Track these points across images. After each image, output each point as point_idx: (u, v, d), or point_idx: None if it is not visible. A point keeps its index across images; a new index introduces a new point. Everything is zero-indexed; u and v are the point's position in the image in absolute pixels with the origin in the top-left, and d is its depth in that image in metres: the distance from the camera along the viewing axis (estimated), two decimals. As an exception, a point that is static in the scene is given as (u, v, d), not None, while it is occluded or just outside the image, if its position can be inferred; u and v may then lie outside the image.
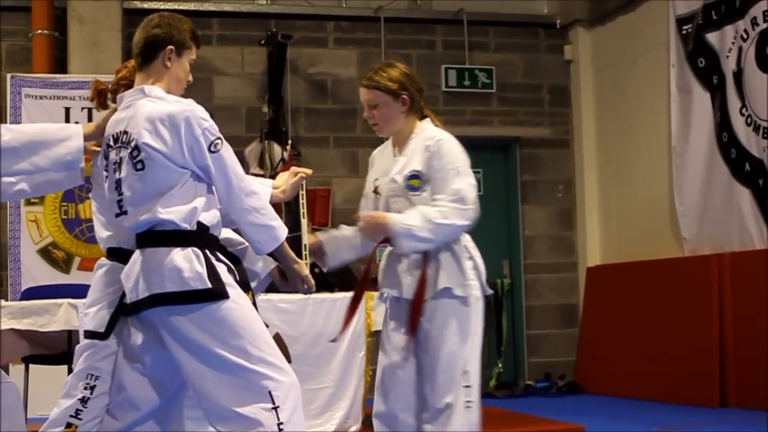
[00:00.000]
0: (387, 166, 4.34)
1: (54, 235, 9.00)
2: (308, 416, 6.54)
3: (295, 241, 9.30)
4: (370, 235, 4.19)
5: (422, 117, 4.38)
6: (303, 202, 8.45)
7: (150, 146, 3.53)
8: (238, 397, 3.51)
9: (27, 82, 9.06)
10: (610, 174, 10.44)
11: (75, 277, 8.73)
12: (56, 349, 6.66)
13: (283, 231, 3.71)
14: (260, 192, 3.73)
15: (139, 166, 3.55)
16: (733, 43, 8.77)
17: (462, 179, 4.16)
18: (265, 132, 10.09)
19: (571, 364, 10.44)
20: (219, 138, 3.60)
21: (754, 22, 8.56)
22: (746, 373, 8.22)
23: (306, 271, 3.96)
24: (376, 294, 6.93)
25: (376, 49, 10.78)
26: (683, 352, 8.78)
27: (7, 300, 7.87)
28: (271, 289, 7.04)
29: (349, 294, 6.87)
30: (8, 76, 9.12)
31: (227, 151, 3.62)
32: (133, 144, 3.57)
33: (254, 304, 3.70)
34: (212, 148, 3.57)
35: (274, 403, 3.50)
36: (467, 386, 4.17)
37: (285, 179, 4.11)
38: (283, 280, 4.03)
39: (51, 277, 8.76)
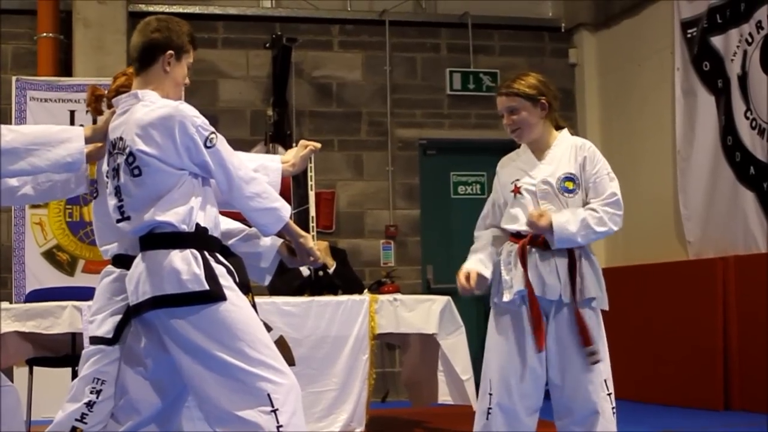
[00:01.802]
0: (529, 169, 4.45)
1: (58, 238, 9.01)
2: (312, 419, 6.54)
3: (302, 214, 9.35)
4: (534, 230, 4.31)
5: (557, 126, 4.55)
6: (311, 174, 8.43)
7: (144, 152, 3.53)
8: (237, 400, 3.51)
9: (32, 85, 9.08)
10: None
11: (79, 279, 8.74)
12: (60, 352, 6.66)
13: (286, 211, 3.72)
14: (259, 177, 3.73)
15: (136, 172, 3.56)
16: (737, 46, 8.77)
17: (615, 184, 4.42)
18: (269, 135, 10.12)
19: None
20: (213, 132, 3.60)
21: (759, 26, 8.56)
22: (750, 376, 8.21)
23: (312, 243, 3.96)
24: (382, 297, 6.97)
25: (381, 52, 10.79)
26: (687, 355, 8.77)
27: (11, 302, 7.88)
28: (275, 291, 7.08)
29: (354, 297, 6.93)
30: (13, 78, 9.14)
31: (222, 144, 3.63)
32: (127, 151, 3.58)
33: (254, 305, 3.69)
34: (208, 144, 3.57)
35: (273, 406, 3.49)
36: (609, 394, 4.38)
37: (294, 153, 4.11)
38: (291, 257, 4.03)
39: (55, 279, 8.77)
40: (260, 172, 3.85)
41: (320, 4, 10.71)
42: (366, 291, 7.40)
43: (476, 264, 4.50)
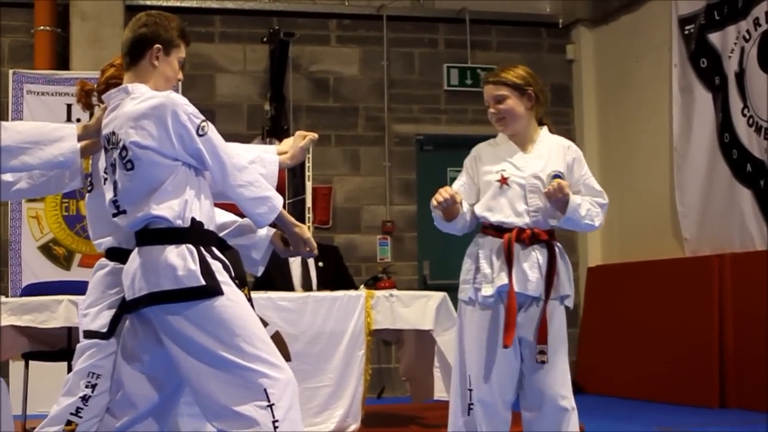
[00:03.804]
0: (515, 160, 4.46)
1: (55, 232, 9.00)
2: (308, 414, 6.53)
3: (298, 205, 9.35)
4: (552, 199, 4.33)
5: (539, 122, 4.57)
6: (309, 165, 8.36)
7: (137, 144, 3.53)
8: (234, 395, 3.51)
9: (29, 78, 9.07)
10: (611, 174, 10.43)
11: (76, 273, 8.73)
12: (56, 346, 6.66)
13: (279, 200, 3.71)
14: (251, 167, 3.72)
15: (129, 165, 3.55)
16: (735, 43, 8.77)
17: (599, 187, 4.50)
18: (266, 129, 10.11)
19: (572, 365, 10.32)
20: (204, 120, 3.60)
21: (756, 23, 8.56)
22: (746, 373, 8.22)
23: (308, 233, 3.96)
24: (378, 292, 6.97)
25: (379, 47, 10.78)
26: (683, 352, 8.78)
27: (7, 296, 7.87)
28: (271, 287, 7.08)
29: (350, 293, 6.92)
30: (10, 72, 9.13)
31: (214, 132, 3.62)
32: (121, 144, 3.57)
33: (250, 300, 3.69)
34: (200, 132, 3.56)
35: (269, 401, 3.50)
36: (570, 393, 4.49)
37: (291, 143, 4.08)
38: (284, 247, 4.02)
39: (52, 273, 8.76)
40: (257, 164, 3.83)
41: (318, -2, 10.72)
42: (362, 287, 7.40)
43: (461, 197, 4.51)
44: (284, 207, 3.83)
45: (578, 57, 11.20)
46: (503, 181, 4.42)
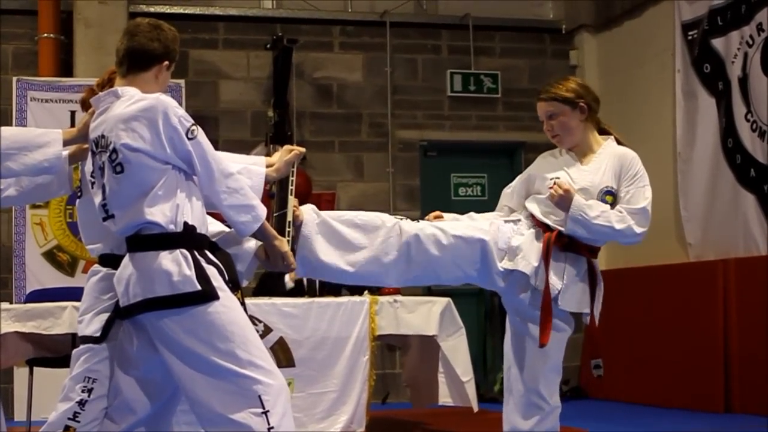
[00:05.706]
0: (571, 171, 4.36)
1: (59, 238, 9.01)
2: (312, 420, 6.54)
3: (283, 218, 9.34)
4: (554, 201, 4.24)
5: (600, 131, 4.52)
6: (292, 179, 8.32)
7: (128, 146, 3.51)
8: (229, 402, 3.51)
9: (33, 86, 9.08)
10: (615, 179, 10.42)
11: (79, 280, 8.72)
12: (60, 352, 6.66)
13: (263, 210, 3.71)
14: (237, 174, 3.70)
15: (119, 168, 3.54)
16: (738, 48, 8.77)
17: (648, 199, 4.33)
18: (270, 136, 10.11)
19: (576, 370, 10.44)
20: (194, 124, 3.59)
21: (759, 28, 8.56)
22: (751, 379, 8.21)
23: (286, 248, 3.90)
24: (382, 298, 6.96)
25: (382, 53, 10.79)
26: (688, 357, 8.77)
27: (11, 303, 7.88)
28: (275, 293, 7.08)
29: (354, 298, 6.92)
30: (14, 79, 9.15)
31: (203, 137, 3.61)
32: (111, 147, 3.56)
33: (243, 304, 3.68)
34: (190, 135, 3.56)
35: (263, 408, 3.50)
36: None
37: (279, 157, 4.08)
38: (268, 260, 4.00)
39: (56, 280, 8.77)
40: (244, 175, 3.83)
41: (321, 5, 10.71)
42: (366, 292, 7.40)
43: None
44: (268, 219, 3.84)
45: (581, 63, 11.20)
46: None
